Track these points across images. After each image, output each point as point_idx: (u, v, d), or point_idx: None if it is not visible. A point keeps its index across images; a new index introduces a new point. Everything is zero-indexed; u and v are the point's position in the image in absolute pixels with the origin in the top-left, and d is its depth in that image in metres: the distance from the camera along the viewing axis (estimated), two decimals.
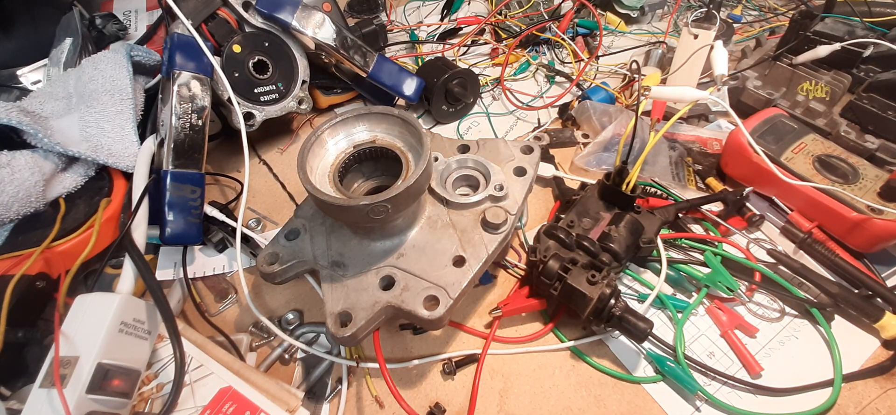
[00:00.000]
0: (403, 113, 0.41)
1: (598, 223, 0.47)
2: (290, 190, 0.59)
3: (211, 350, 0.42)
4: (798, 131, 0.54)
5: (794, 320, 0.45)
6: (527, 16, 0.82)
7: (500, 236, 0.41)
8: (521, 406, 0.41)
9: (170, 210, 0.46)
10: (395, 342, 0.45)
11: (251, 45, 0.56)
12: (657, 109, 0.60)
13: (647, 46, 0.77)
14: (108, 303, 0.37)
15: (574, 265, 0.42)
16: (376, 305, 0.37)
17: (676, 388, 0.41)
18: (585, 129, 0.66)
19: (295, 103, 0.60)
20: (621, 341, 0.44)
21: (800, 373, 0.41)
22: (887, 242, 0.46)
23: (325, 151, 0.41)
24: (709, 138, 0.63)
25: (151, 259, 0.50)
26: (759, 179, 0.52)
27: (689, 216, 0.53)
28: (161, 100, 0.52)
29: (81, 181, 0.48)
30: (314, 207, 0.45)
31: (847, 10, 0.69)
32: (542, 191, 0.59)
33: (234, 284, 0.50)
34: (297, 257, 0.41)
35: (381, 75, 0.62)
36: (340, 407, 0.41)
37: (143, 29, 0.76)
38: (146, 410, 0.39)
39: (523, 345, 0.44)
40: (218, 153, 0.64)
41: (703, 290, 0.46)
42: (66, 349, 0.35)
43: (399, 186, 0.36)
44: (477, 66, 0.78)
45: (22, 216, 0.44)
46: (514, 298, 0.45)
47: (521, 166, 0.47)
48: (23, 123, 0.44)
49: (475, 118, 0.70)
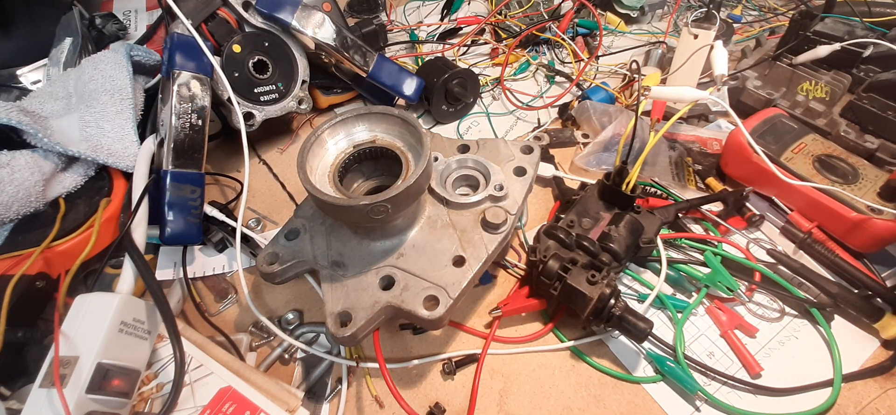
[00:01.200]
0: (403, 113, 0.41)
1: (598, 223, 0.47)
2: (289, 190, 0.59)
3: (211, 350, 0.42)
4: (798, 131, 0.54)
5: (793, 320, 0.45)
6: (527, 16, 0.82)
7: (500, 236, 0.41)
8: (520, 406, 0.41)
9: (170, 210, 0.46)
10: (395, 342, 0.45)
11: (251, 44, 0.56)
12: (657, 108, 0.60)
13: (647, 46, 0.77)
14: (108, 303, 0.37)
15: (574, 265, 0.42)
16: (376, 306, 0.37)
17: (676, 388, 0.41)
18: (585, 129, 0.66)
19: (295, 103, 0.60)
20: (621, 341, 0.44)
21: (799, 373, 0.41)
22: (887, 242, 0.46)
23: (325, 151, 0.41)
24: (709, 138, 0.63)
25: (151, 259, 0.50)
26: (759, 179, 0.52)
27: (689, 216, 0.53)
28: (161, 100, 0.52)
29: (81, 181, 0.48)
30: (314, 207, 0.45)
31: (847, 10, 0.69)
32: (542, 191, 0.59)
33: (234, 284, 0.50)
34: (296, 257, 0.41)
35: (381, 75, 0.62)
36: (340, 407, 0.41)
37: (143, 29, 0.76)
38: (146, 410, 0.39)
39: (523, 345, 0.44)
40: (218, 153, 0.64)
41: (702, 290, 0.46)
42: (66, 349, 0.35)
43: (399, 186, 0.36)
44: (477, 66, 0.78)
45: (22, 216, 0.44)
46: (514, 298, 0.45)
47: (521, 166, 0.47)
48: (23, 122, 0.44)
49: (475, 118, 0.70)
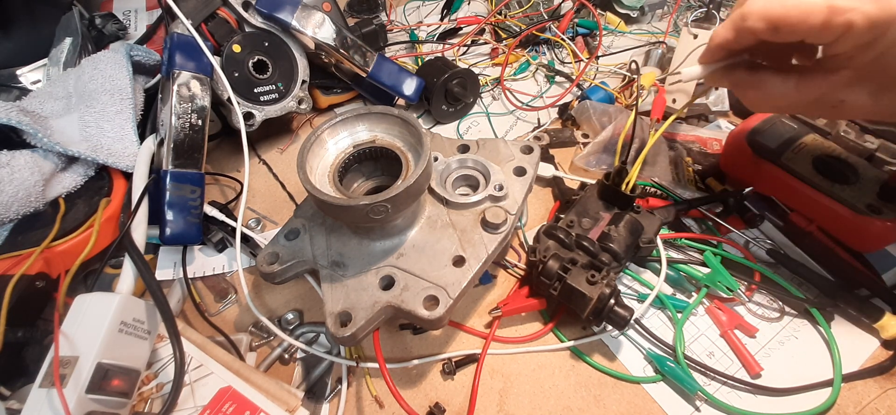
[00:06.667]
0: (403, 113, 0.41)
1: (598, 223, 0.47)
2: (289, 190, 0.59)
3: (211, 350, 0.42)
4: (798, 131, 0.54)
5: (793, 320, 0.45)
6: (527, 16, 0.82)
7: (500, 236, 0.41)
8: (520, 406, 0.41)
9: (169, 210, 0.46)
10: (394, 342, 0.45)
11: (251, 44, 0.56)
12: (656, 108, 0.60)
13: (646, 46, 0.77)
14: (107, 303, 0.37)
15: (574, 265, 0.42)
16: (376, 305, 0.37)
17: (676, 388, 0.41)
18: (585, 129, 0.66)
19: (295, 103, 0.60)
20: (621, 341, 0.44)
21: (799, 373, 0.41)
22: (887, 242, 0.46)
23: (325, 151, 0.41)
24: (709, 138, 0.63)
25: (151, 259, 0.50)
26: (759, 179, 0.52)
27: (688, 216, 0.53)
28: (161, 100, 0.52)
29: (81, 181, 0.48)
30: (314, 207, 0.45)
31: None
32: (542, 191, 0.59)
33: (234, 283, 0.50)
34: (296, 257, 0.41)
35: (381, 75, 0.62)
36: (340, 407, 0.41)
37: (143, 29, 0.76)
38: (146, 409, 0.39)
39: (523, 345, 0.44)
40: (218, 153, 0.64)
41: (702, 290, 0.46)
42: (66, 349, 0.35)
43: (399, 185, 0.36)
44: (477, 66, 0.78)
45: (22, 216, 0.44)
46: (514, 298, 0.45)
47: (520, 166, 0.47)
48: (22, 122, 0.44)
49: (475, 118, 0.70)
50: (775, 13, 0.29)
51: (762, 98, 0.35)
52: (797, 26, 0.29)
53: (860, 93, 0.31)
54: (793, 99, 0.34)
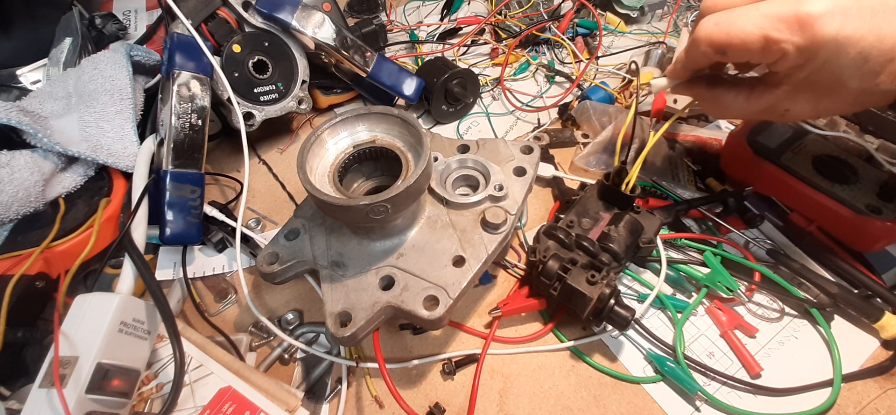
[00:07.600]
0: (403, 113, 0.41)
1: (598, 223, 0.47)
2: (289, 190, 0.59)
3: (211, 350, 0.42)
4: (798, 131, 0.54)
5: (793, 320, 0.45)
6: (527, 16, 0.82)
7: (500, 236, 0.41)
8: (520, 406, 0.41)
9: (169, 210, 0.46)
10: (394, 342, 0.45)
11: (251, 44, 0.56)
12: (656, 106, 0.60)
13: (646, 46, 0.77)
14: (107, 303, 0.37)
15: (574, 265, 0.42)
16: (376, 306, 0.37)
17: (676, 388, 0.41)
18: (585, 129, 0.66)
19: (295, 103, 0.60)
20: (621, 341, 0.44)
21: (799, 373, 0.41)
22: (887, 242, 0.46)
23: (325, 151, 0.41)
24: (709, 138, 0.63)
25: (151, 259, 0.50)
26: (759, 179, 0.52)
27: (688, 216, 0.53)
28: (161, 100, 0.52)
29: (81, 181, 0.48)
30: (314, 207, 0.45)
31: None
32: (542, 191, 0.59)
33: (234, 284, 0.50)
34: (296, 257, 0.41)
35: (381, 75, 0.62)
36: (340, 407, 0.41)
37: (143, 29, 0.76)
38: (146, 410, 0.39)
39: (523, 345, 0.44)
40: (217, 153, 0.64)
41: (702, 290, 0.46)
42: (66, 349, 0.35)
43: (399, 186, 0.36)
44: (477, 66, 0.78)
45: (21, 216, 0.44)
46: (514, 298, 0.45)
47: (520, 166, 0.47)
48: (22, 122, 0.44)
49: (475, 118, 0.70)
50: (719, 40, 0.34)
51: (719, 108, 0.41)
52: (740, 52, 0.34)
53: (801, 101, 0.36)
54: (745, 109, 0.39)
